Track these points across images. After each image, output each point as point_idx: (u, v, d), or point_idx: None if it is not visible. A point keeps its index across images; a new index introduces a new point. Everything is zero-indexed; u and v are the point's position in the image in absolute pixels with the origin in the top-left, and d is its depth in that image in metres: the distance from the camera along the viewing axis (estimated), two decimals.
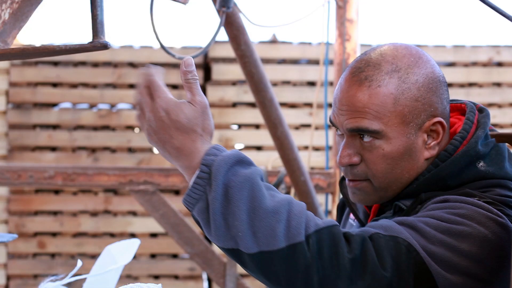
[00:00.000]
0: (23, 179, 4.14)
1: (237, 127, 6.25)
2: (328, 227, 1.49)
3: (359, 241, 1.49)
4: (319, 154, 6.03)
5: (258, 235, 1.45)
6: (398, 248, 1.50)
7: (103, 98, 6.20)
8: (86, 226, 6.09)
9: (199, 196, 1.48)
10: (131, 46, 6.25)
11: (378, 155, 1.66)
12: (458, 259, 1.51)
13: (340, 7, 4.04)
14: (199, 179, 1.48)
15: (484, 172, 1.67)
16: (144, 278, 6.09)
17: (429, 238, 1.52)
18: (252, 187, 1.47)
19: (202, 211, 1.48)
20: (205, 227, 1.49)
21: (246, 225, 1.45)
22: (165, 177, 4.23)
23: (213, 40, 3.08)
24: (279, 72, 6.19)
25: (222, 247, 1.50)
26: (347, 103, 1.66)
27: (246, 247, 1.46)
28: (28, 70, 6.15)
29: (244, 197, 1.46)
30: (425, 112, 1.66)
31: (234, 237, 1.46)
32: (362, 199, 1.72)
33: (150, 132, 1.51)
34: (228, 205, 1.46)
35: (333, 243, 1.47)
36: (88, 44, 1.70)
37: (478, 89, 6.36)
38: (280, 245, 1.46)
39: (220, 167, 1.47)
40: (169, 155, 1.51)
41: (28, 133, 6.13)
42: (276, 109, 3.61)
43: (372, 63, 1.66)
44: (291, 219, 1.47)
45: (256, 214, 1.46)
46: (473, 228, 1.54)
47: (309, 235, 1.47)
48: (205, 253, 4.32)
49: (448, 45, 6.35)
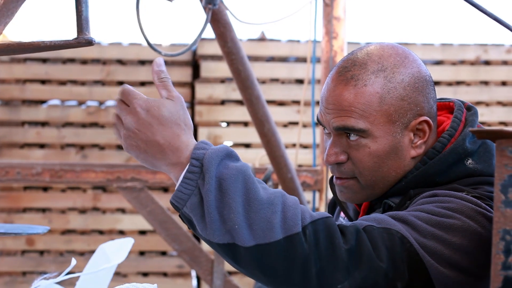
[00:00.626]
0: (11, 175, 4.14)
1: (226, 125, 6.26)
2: (323, 219, 1.48)
3: (353, 232, 1.49)
4: (306, 152, 6.04)
5: (254, 227, 1.43)
6: (392, 239, 1.50)
7: (91, 95, 6.20)
8: (75, 223, 6.09)
9: (190, 191, 1.45)
10: (119, 43, 6.25)
11: (365, 154, 1.67)
12: (450, 252, 1.53)
13: (327, 5, 4.05)
14: (190, 173, 1.44)
15: (473, 169, 1.68)
16: (132, 275, 6.10)
17: (421, 231, 1.53)
18: (245, 179, 1.45)
19: (195, 206, 1.44)
20: (199, 223, 1.45)
21: (242, 218, 1.43)
22: (152, 174, 4.23)
23: (199, 37, 3.09)
24: (268, 70, 6.20)
25: (217, 242, 1.45)
26: (333, 102, 1.68)
27: (242, 240, 1.43)
28: (17, 67, 6.14)
29: (238, 189, 1.43)
30: (411, 111, 1.68)
31: (229, 230, 1.43)
32: (349, 197, 1.74)
33: (129, 136, 1.46)
34: (223, 198, 1.43)
35: (329, 234, 1.46)
36: (73, 40, 1.71)
37: (466, 87, 6.39)
38: (277, 237, 1.43)
39: (212, 159, 1.44)
40: (152, 156, 1.46)
41: (17, 130, 6.12)
42: (263, 106, 3.62)
43: (358, 63, 1.68)
44: (286, 210, 1.45)
45: (251, 206, 1.43)
46: (463, 221, 1.55)
47: (305, 226, 1.45)
48: (193, 250, 4.33)
49: (436, 44, 6.38)
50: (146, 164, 1.49)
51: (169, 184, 4.23)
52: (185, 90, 6.22)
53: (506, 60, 6.43)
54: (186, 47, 3.05)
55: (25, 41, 1.76)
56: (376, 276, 1.48)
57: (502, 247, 1.36)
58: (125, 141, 1.47)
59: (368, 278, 1.48)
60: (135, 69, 6.23)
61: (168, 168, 1.47)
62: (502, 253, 1.36)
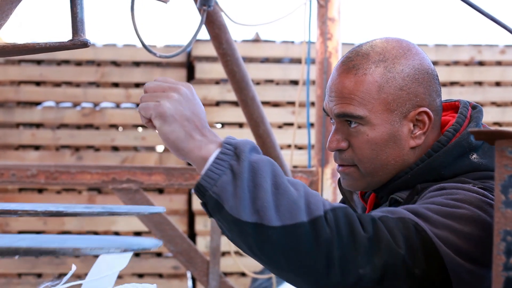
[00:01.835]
0: (6, 177, 4.14)
1: (221, 126, 6.27)
2: (342, 207, 1.52)
3: (370, 221, 1.52)
4: (301, 153, 6.05)
5: (280, 208, 1.47)
6: (407, 227, 1.53)
7: (86, 96, 6.20)
8: (70, 225, 6.09)
9: (221, 171, 1.48)
10: (114, 45, 6.25)
11: (363, 141, 1.73)
12: (462, 242, 1.55)
13: (321, 6, 4.05)
14: (223, 154, 1.49)
15: (477, 163, 1.72)
16: (128, 276, 6.10)
17: (433, 222, 1.55)
18: (273, 166, 1.50)
19: (226, 183, 1.47)
20: (228, 201, 1.47)
21: (271, 198, 1.47)
22: (148, 175, 4.23)
23: (194, 38, 3.09)
24: (262, 71, 6.21)
25: (245, 220, 1.46)
26: (335, 90, 1.75)
27: (269, 220, 1.46)
28: (11, 69, 6.14)
29: (267, 173, 1.48)
30: (410, 102, 1.73)
31: (258, 210, 1.46)
32: (351, 184, 1.79)
33: (180, 102, 1.51)
34: (255, 178, 1.47)
35: (348, 221, 1.49)
36: (68, 42, 1.71)
37: (460, 88, 6.41)
38: (301, 219, 1.47)
39: (244, 146, 1.50)
40: (193, 128, 1.50)
41: (12, 132, 6.12)
42: (258, 107, 3.62)
43: (361, 53, 1.75)
44: (309, 196, 1.50)
45: (279, 189, 1.48)
46: (472, 211, 1.58)
47: (326, 211, 1.49)
48: (188, 252, 4.32)
49: (430, 44, 6.39)
50: (179, 135, 1.51)
51: (164, 186, 4.23)
52: None
53: (500, 60, 6.45)
54: (181, 49, 3.05)
55: (20, 43, 1.76)
56: (395, 262, 1.50)
57: (503, 248, 1.36)
58: (175, 104, 1.50)
59: (387, 264, 1.50)
60: (129, 71, 6.23)
61: (202, 145, 1.51)
62: (503, 254, 1.36)
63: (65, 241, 1.39)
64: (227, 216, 1.48)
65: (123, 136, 6.18)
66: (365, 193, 1.89)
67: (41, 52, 1.81)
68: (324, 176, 4.19)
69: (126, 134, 6.19)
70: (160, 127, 1.50)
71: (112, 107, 6.21)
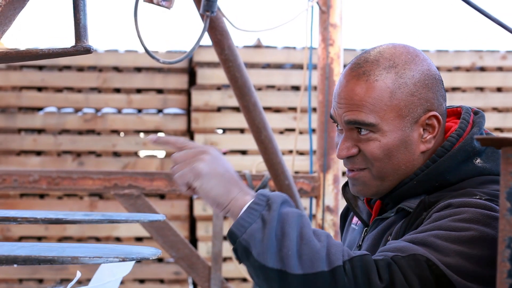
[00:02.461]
0: (8, 183, 4.14)
1: (222, 132, 6.26)
2: (361, 256, 1.56)
3: (385, 266, 1.56)
4: (303, 158, 6.05)
5: (303, 257, 1.54)
6: (419, 265, 1.56)
7: (88, 102, 6.20)
8: (71, 230, 6.09)
9: (252, 220, 1.56)
10: (116, 50, 6.26)
11: (375, 147, 1.73)
12: (473, 266, 1.57)
13: (323, 12, 4.06)
14: (256, 204, 1.57)
15: (482, 168, 1.73)
16: (129, 282, 6.09)
17: (442, 251, 1.57)
18: (301, 218, 1.58)
19: (255, 231, 1.55)
20: (256, 247, 1.55)
21: (295, 247, 1.54)
22: (149, 181, 4.23)
23: (197, 44, 3.09)
24: (264, 77, 6.21)
25: (270, 267, 1.54)
26: (345, 97, 1.74)
27: (292, 268, 1.54)
28: (13, 74, 6.14)
29: (295, 223, 1.56)
30: (421, 107, 1.73)
31: (282, 258, 1.54)
32: (360, 189, 1.79)
33: (213, 160, 1.60)
34: (283, 227, 1.55)
35: (366, 270, 1.55)
36: (71, 48, 1.71)
37: (461, 93, 6.41)
38: (322, 268, 1.54)
39: (277, 198, 1.59)
40: (227, 180, 1.60)
41: (13, 137, 6.12)
42: (260, 113, 3.62)
43: (370, 60, 1.74)
44: (330, 247, 1.56)
45: (303, 240, 1.55)
46: (480, 231, 1.59)
47: (345, 262, 1.55)
48: (190, 257, 4.32)
49: (431, 50, 6.39)
50: (219, 191, 1.60)
51: (165, 191, 4.23)
52: (182, 97, 6.23)
53: (501, 66, 6.45)
54: (183, 55, 3.05)
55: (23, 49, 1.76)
56: None
57: (508, 255, 1.36)
58: (208, 164, 1.60)
59: None
60: (131, 76, 6.23)
61: (237, 196, 1.60)
62: (508, 261, 1.36)
63: (64, 250, 1.39)
64: (254, 261, 1.56)
65: (124, 142, 6.18)
66: (371, 199, 1.89)
67: (44, 58, 1.81)
68: (326, 181, 4.18)
69: (127, 139, 6.19)
70: (200, 186, 1.59)
71: (114, 113, 6.22)
